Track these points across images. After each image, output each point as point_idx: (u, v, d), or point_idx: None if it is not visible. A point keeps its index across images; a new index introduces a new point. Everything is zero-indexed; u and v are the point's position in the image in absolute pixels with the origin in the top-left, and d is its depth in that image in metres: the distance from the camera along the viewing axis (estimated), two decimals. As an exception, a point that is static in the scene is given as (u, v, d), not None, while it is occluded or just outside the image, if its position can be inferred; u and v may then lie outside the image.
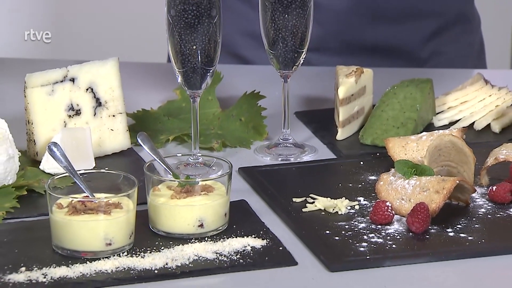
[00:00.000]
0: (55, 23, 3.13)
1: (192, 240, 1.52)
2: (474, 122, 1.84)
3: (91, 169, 1.68)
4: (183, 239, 1.53)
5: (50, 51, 3.09)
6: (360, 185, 1.67)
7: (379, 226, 1.55)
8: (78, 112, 1.74)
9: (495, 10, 2.65)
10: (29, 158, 1.73)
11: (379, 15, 2.05)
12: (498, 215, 1.59)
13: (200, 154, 1.70)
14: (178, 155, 1.72)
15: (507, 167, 1.64)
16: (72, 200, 1.49)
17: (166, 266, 1.47)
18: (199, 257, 1.49)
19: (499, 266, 1.49)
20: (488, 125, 1.84)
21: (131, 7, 3.04)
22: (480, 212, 1.59)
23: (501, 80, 1.94)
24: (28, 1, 3.15)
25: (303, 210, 1.60)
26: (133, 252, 1.49)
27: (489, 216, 1.58)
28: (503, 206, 1.60)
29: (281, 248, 1.51)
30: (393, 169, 1.62)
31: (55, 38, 3.09)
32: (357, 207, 1.61)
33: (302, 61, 1.75)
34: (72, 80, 1.74)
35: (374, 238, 1.53)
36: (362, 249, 1.50)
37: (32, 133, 1.72)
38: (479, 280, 1.47)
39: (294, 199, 1.63)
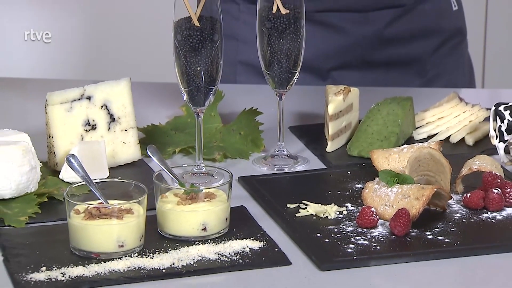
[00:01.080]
0: (76, 47, 3.12)
1: (196, 242, 1.51)
2: (450, 136, 1.84)
3: (105, 178, 1.67)
4: (188, 241, 1.52)
5: (72, 73, 3.08)
6: (347, 193, 1.66)
7: (365, 230, 1.54)
8: (93, 127, 1.74)
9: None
10: (50, 169, 1.72)
11: (394, 37, 2.07)
12: (472, 220, 1.58)
13: (203, 165, 1.69)
14: (184, 165, 1.71)
15: (480, 176, 1.63)
16: (88, 206, 1.49)
17: (173, 266, 1.46)
18: (202, 258, 1.48)
19: (473, 266, 1.48)
20: (463, 139, 1.83)
21: (142, 33, 3.04)
22: (455, 217, 1.58)
23: (474, 98, 1.94)
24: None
25: (296, 215, 1.59)
26: (143, 253, 1.49)
27: (464, 220, 1.58)
28: (477, 212, 1.60)
29: (276, 249, 1.50)
30: (377, 178, 1.62)
31: (74, 59, 3.09)
32: (345, 212, 1.60)
33: (295, 81, 1.74)
34: (89, 98, 1.73)
35: (360, 240, 1.52)
36: (349, 250, 1.49)
37: (52, 146, 1.71)
38: (455, 279, 1.47)
39: (288, 205, 1.62)
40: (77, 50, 3.10)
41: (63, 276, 1.42)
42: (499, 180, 1.62)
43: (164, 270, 1.45)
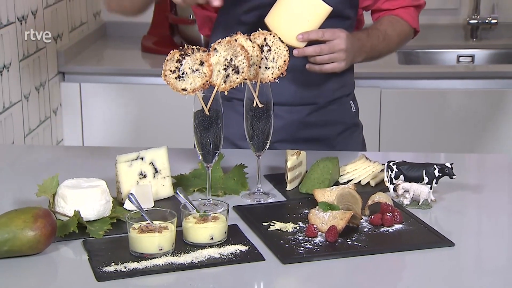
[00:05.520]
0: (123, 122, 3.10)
1: (207, 246, 1.48)
2: (361, 180, 1.81)
3: (151, 208, 1.64)
4: (201, 246, 1.48)
5: (132, 143, 3.06)
6: (299, 215, 1.63)
7: (310, 238, 1.52)
8: (145, 176, 1.70)
9: (368, 119, 2.64)
10: (118, 202, 1.69)
11: (313, 124, 2.03)
12: (375, 232, 1.55)
13: (211, 199, 1.66)
14: (199, 199, 1.68)
15: (379, 205, 1.61)
16: (141, 225, 1.46)
17: (192, 261, 1.43)
18: (210, 256, 1.45)
19: (376, 261, 1.46)
20: (368, 182, 1.81)
21: (174, 119, 3.02)
22: (365, 230, 1.56)
23: (374, 157, 1.92)
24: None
25: (268, 229, 1.56)
26: (174, 253, 1.45)
27: (370, 232, 1.55)
28: (377, 227, 1.57)
29: (256, 251, 1.48)
30: (317, 206, 1.59)
31: (133, 136, 3.08)
32: (298, 227, 1.57)
33: (267, 147, 1.72)
34: (142, 158, 1.70)
35: (307, 245, 1.49)
36: (300, 251, 1.47)
37: (119, 188, 1.68)
38: (364, 269, 1.44)
39: (263, 223, 1.59)
40: (136, 131, 3.09)
41: (124, 268, 1.40)
42: (390, 208, 1.60)
43: (187, 264, 1.42)
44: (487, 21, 3.40)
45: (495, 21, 3.40)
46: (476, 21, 3.41)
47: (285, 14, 1.77)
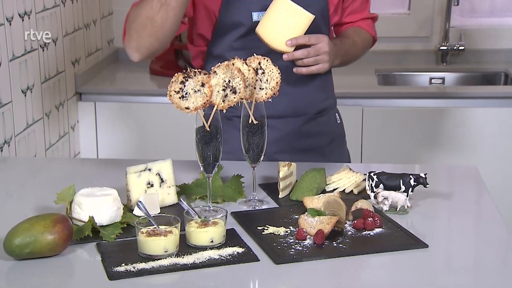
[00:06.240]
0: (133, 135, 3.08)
1: (207, 248, 1.47)
2: (345, 189, 1.80)
3: (157, 214, 1.62)
4: (202, 248, 1.47)
5: (142, 155, 3.04)
6: (290, 220, 1.61)
7: (300, 241, 1.50)
8: (152, 185, 1.69)
9: (351, 134, 2.63)
10: (128, 208, 1.67)
11: (306, 134, 2.02)
12: (358, 235, 1.54)
13: (211, 205, 1.64)
14: (200, 206, 1.66)
15: (361, 211, 1.60)
16: (148, 229, 1.44)
17: (194, 262, 1.41)
18: (211, 257, 1.43)
19: (358, 260, 1.45)
20: (352, 190, 1.79)
21: (178, 134, 3.01)
22: (348, 234, 1.54)
23: (357, 168, 1.91)
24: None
25: (262, 233, 1.54)
26: (178, 255, 1.44)
27: (353, 235, 1.54)
28: (360, 231, 1.56)
29: (251, 252, 1.46)
30: (306, 212, 1.57)
31: (142, 150, 3.07)
32: (289, 231, 1.55)
33: (262, 159, 1.71)
34: (149, 169, 1.69)
35: (297, 247, 1.48)
36: (291, 252, 1.45)
37: (129, 196, 1.67)
38: (349, 267, 1.43)
39: (258, 227, 1.57)
40: (144, 145, 3.08)
41: (133, 268, 1.38)
42: (371, 213, 1.58)
43: (189, 264, 1.40)
44: (455, 47, 3.42)
45: (463, 47, 3.42)
46: (445, 48, 3.43)
47: (274, 23, 1.80)
